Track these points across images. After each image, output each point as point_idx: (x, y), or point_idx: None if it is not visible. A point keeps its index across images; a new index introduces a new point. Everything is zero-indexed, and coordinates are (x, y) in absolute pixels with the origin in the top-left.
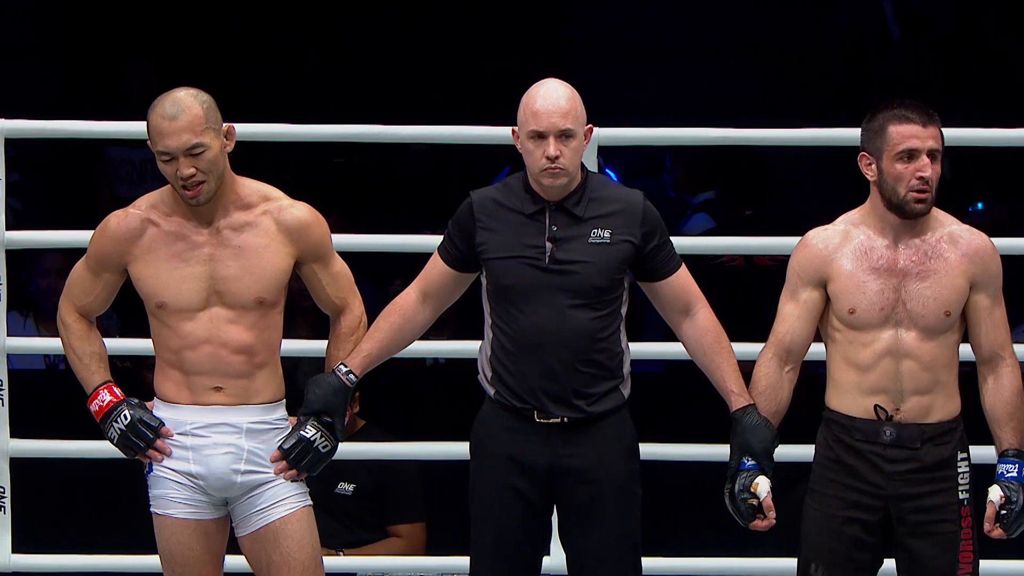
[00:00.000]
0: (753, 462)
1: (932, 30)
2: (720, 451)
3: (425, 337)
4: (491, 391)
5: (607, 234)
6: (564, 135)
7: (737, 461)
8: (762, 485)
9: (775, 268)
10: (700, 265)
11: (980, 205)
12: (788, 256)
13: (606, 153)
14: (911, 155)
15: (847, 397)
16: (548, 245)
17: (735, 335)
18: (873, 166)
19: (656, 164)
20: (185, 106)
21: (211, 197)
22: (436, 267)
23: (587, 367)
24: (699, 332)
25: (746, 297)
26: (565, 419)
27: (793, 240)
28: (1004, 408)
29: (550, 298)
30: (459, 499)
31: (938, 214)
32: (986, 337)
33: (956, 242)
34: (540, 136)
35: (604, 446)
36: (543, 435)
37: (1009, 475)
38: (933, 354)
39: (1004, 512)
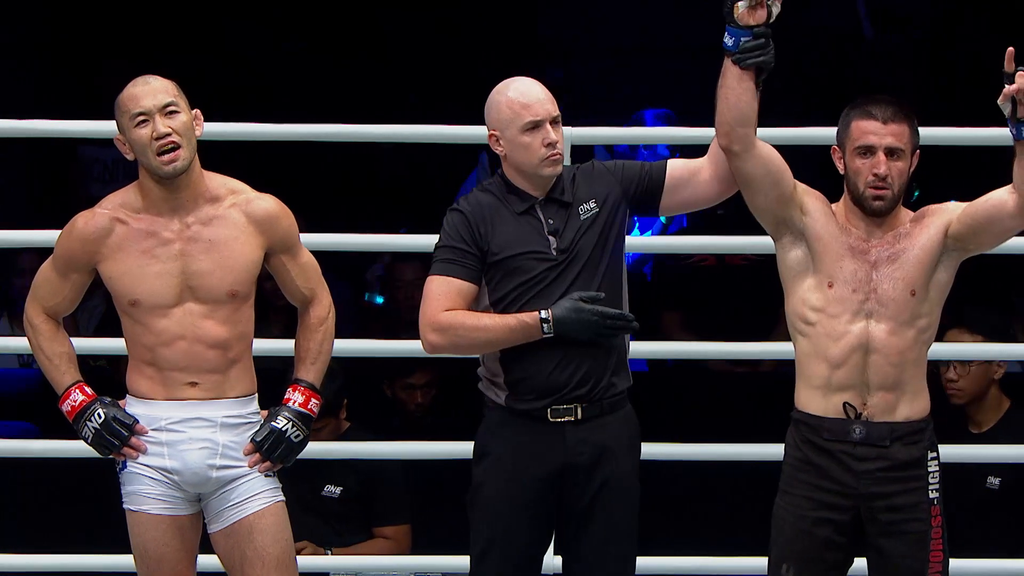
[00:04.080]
0: None
1: (906, 30)
2: (704, 451)
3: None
4: (502, 396)
5: (592, 204)
6: (555, 121)
7: None
8: None
9: (747, 268)
10: (671, 265)
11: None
12: (761, 256)
13: (582, 154)
14: (868, 151)
15: (816, 395)
16: (551, 239)
17: (708, 335)
18: (842, 160)
19: None
20: (155, 77)
21: (186, 168)
22: (454, 289)
23: (600, 348)
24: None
25: (718, 297)
26: (579, 414)
27: (766, 240)
28: None
29: (564, 288)
30: (444, 501)
31: (905, 210)
32: (988, 200)
33: (920, 220)
34: (537, 126)
35: (612, 439)
36: (556, 436)
37: None
38: (901, 349)
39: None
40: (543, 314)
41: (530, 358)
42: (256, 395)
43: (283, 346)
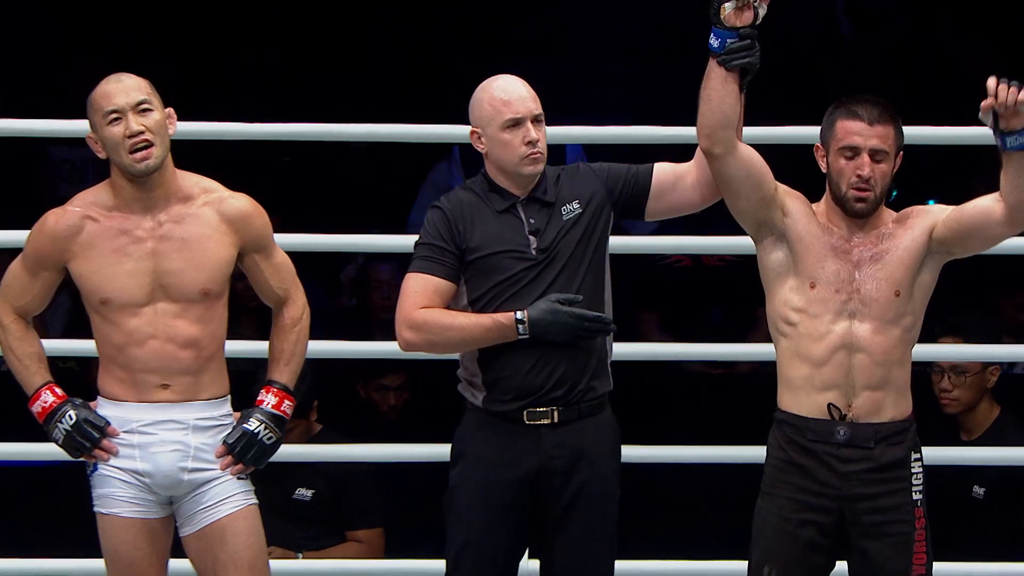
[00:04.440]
0: None
1: (885, 28)
2: (681, 453)
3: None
4: (479, 397)
5: (575, 204)
6: (537, 119)
7: None
8: None
9: (723, 268)
10: (646, 266)
11: (931, 202)
12: (739, 256)
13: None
14: (853, 152)
15: (799, 396)
16: (531, 238)
17: (683, 337)
18: (825, 159)
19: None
20: (128, 74)
21: (159, 166)
22: (431, 287)
23: (580, 351)
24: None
25: (694, 298)
26: (556, 417)
27: (743, 240)
28: None
29: (543, 289)
30: (417, 504)
31: (887, 211)
32: (972, 207)
33: (903, 221)
34: (517, 124)
35: (590, 443)
36: (532, 438)
37: None
38: (886, 348)
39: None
40: (519, 315)
41: (507, 358)
42: (229, 397)
43: (256, 347)
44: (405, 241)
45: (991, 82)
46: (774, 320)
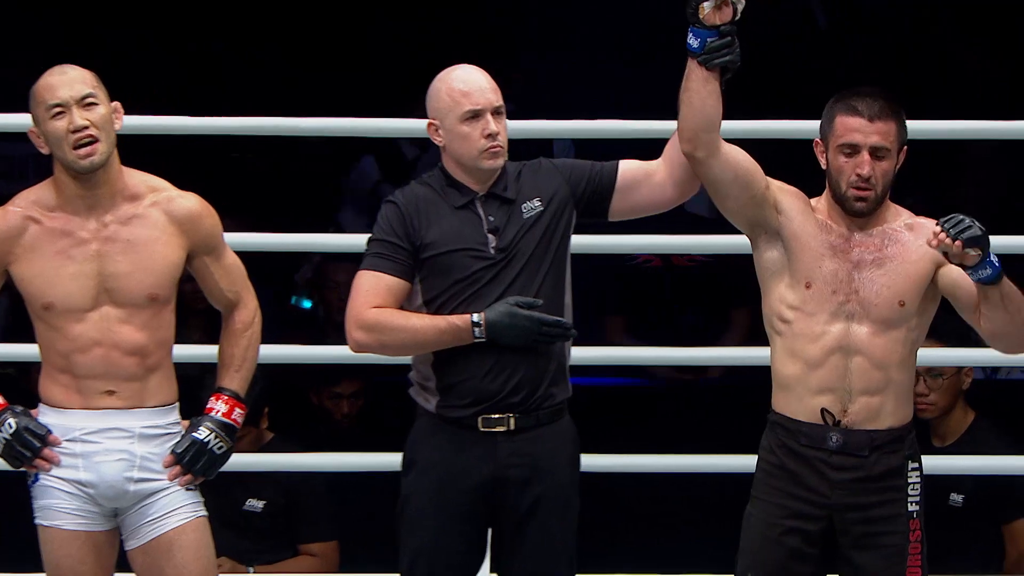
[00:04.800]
0: None
1: (860, 20)
2: (651, 463)
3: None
4: (432, 402)
5: (537, 202)
6: (498, 111)
7: None
8: None
9: (693, 268)
10: (614, 266)
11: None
12: (707, 256)
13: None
14: (852, 150)
15: (793, 398)
16: (490, 236)
17: (654, 340)
18: (824, 155)
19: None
20: (73, 66)
21: (104, 163)
22: (383, 286)
23: (538, 356)
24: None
25: (663, 300)
26: (512, 424)
27: (712, 239)
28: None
29: (501, 289)
30: (373, 515)
31: (893, 207)
32: (970, 293)
33: (914, 229)
34: (476, 116)
35: (548, 452)
36: (487, 445)
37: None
38: (886, 351)
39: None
40: (475, 318)
41: (463, 362)
42: (177, 404)
43: (204, 352)
44: (361, 241)
45: (935, 228)
46: (769, 318)
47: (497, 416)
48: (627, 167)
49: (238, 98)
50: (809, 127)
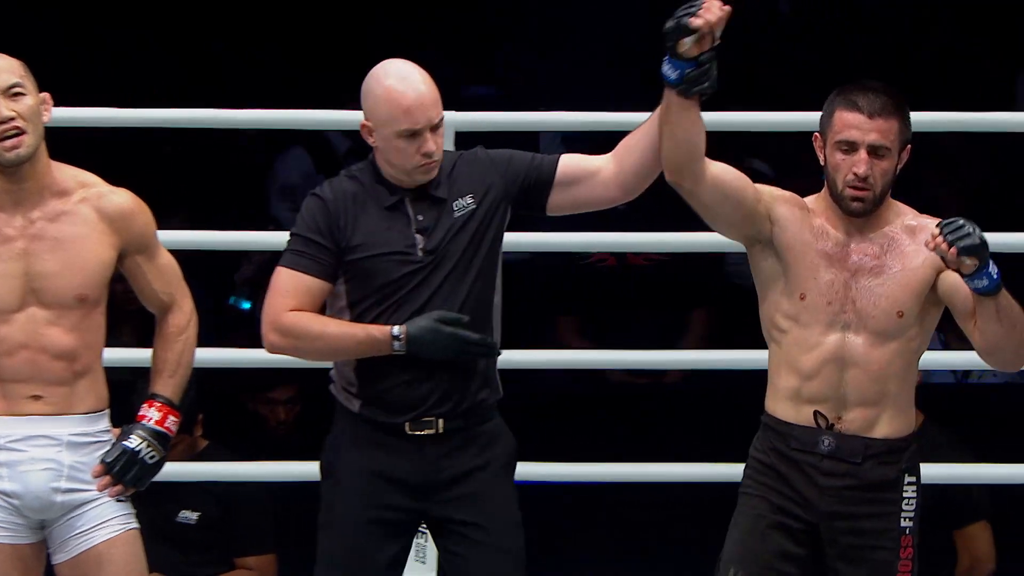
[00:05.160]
0: None
1: (824, 5)
2: (605, 471)
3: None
4: (356, 404)
5: (469, 199)
6: (436, 127)
7: None
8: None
9: (649, 268)
10: (566, 265)
11: None
12: (663, 254)
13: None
14: (850, 147)
15: (786, 402)
16: (418, 237)
17: (607, 342)
18: (823, 150)
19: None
20: (1, 55)
21: (31, 156)
22: (302, 286)
23: (467, 363)
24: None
25: (617, 300)
26: (440, 427)
27: (667, 236)
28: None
29: (428, 294)
30: (312, 527)
31: (895, 205)
32: (971, 301)
33: (916, 233)
34: (415, 135)
35: (478, 454)
36: (414, 448)
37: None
38: (883, 362)
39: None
40: (396, 330)
41: (386, 370)
42: (107, 411)
43: (136, 356)
44: None
45: (934, 230)
46: (766, 325)
47: (426, 419)
48: (568, 161)
49: (238, 98)
50: (775, 119)
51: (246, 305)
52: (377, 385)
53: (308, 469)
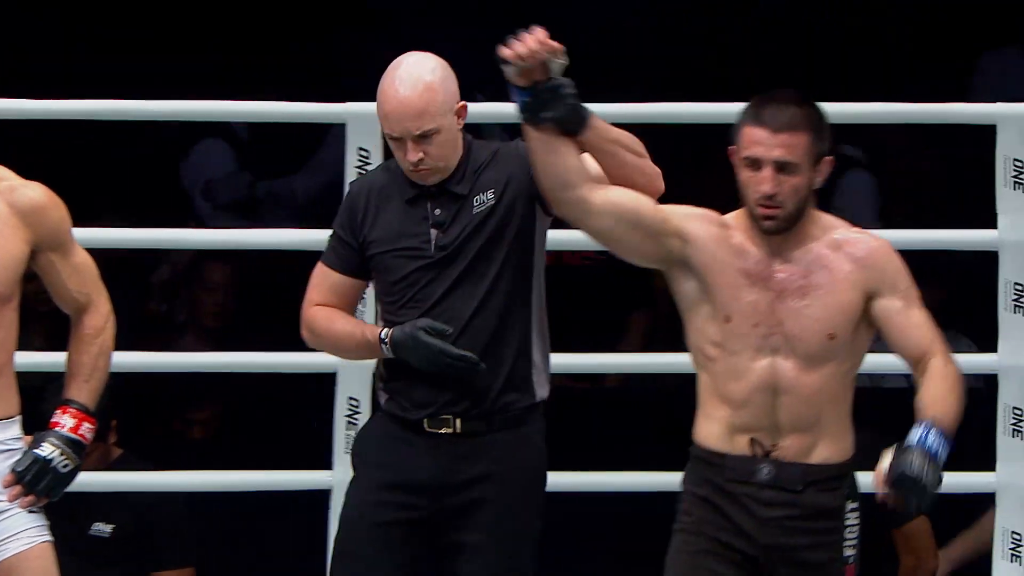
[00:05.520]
0: None
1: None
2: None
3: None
4: (383, 398)
5: (489, 194)
6: (423, 136)
7: None
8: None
9: (588, 268)
10: None
11: None
12: (601, 253)
13: None
14: (755, 164)
15: (718, 433)
16: (433, 232)
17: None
18: (737, 166)
19: None
20: None
21: None
22: (327, 282)
23: (491, 362)
24: None
25: (553, 299)
26: (458, 427)
27: None
28: (931, 393)
29: (442, 292)
30: (233, 540)
31: (822, 219)
32: (908, 340)
33: (842, 248)
34: (397, 140)
35: (498, 460)
36: (431, 446)
37: (913, 438)
38: (816, 387)
39: (894, 467)
40: (383, 333)
41: (407, 366)
42: (19, 417)
43: (48, 359)
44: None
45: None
46: (693, 352)
47: (444, 417)
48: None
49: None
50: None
51: (164, 307)
52: (401, 379)
53: (230, 479)
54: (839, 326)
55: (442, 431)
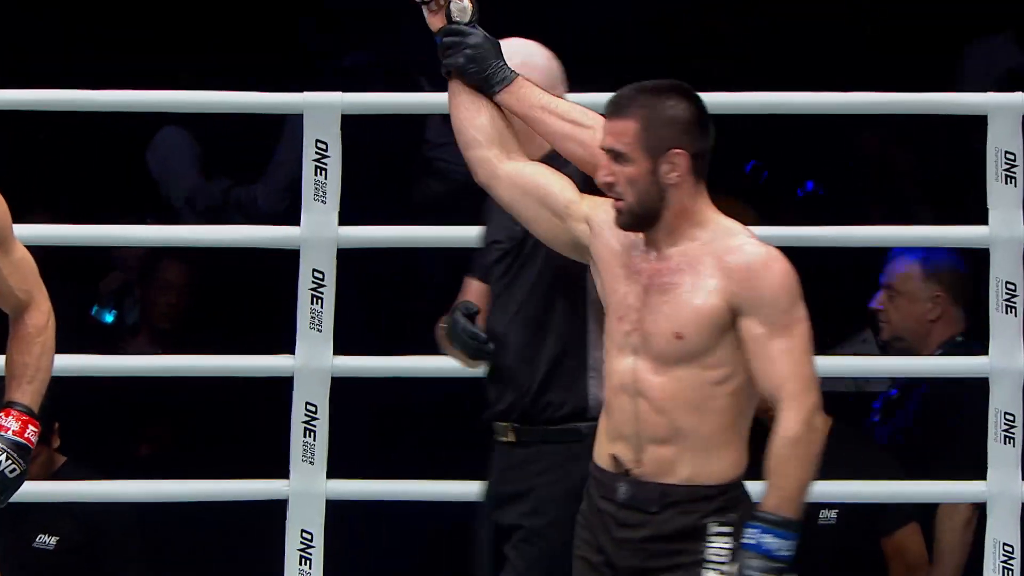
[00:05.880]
0: None
1: None
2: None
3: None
4: None
5: None
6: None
7: None
8: None
9: None
10: (465, 264)
11: (810, 185)
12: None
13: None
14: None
15: (599, 443)
16: (517, 228)
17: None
18: None
19: None
20: None
21: None
22: (468, 289)
23: (518, 358)
24: None
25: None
26: (511, 436)
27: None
28: (769, 461)
29: (518, 284)
30: (184, 552)
31: (713, 220)
32: (760, 372)
33: (720, 254)
34: None
35: (537, 474)
36: (497, 454)
37: (749, 541)
38: (666, 392)
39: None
40: (444, 319)
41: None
42: None
43: None
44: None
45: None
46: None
47: (501, 424)
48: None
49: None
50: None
51: (109, 318)
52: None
53: (181, 488)
54: (687, 327)
55: (501, 439)
